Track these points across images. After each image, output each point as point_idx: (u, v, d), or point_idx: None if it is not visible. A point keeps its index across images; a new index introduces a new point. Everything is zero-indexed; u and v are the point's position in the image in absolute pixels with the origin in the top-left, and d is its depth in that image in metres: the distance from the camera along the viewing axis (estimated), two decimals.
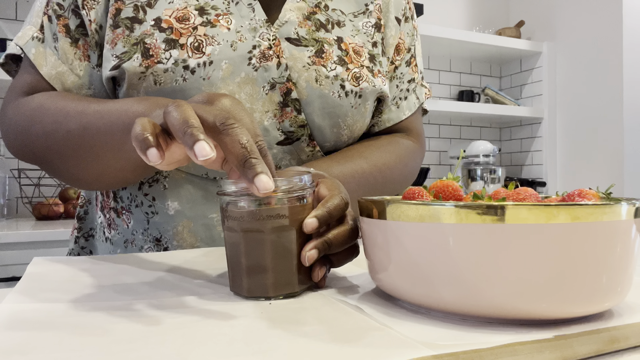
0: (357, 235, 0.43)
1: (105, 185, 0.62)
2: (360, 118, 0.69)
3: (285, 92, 0.63)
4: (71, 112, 0.58)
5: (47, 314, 0.34)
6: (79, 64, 0.65)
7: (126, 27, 0.61)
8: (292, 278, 0.39)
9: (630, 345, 0.31)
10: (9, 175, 1.85)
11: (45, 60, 0.64)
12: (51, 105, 0.60)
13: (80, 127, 0.56)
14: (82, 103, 0.59)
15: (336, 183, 0.45)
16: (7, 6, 1.89)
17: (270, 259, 0.39)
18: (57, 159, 0.60)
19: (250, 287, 0.39)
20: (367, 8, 0.73)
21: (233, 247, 0.40)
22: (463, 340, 0.29)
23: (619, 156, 2.24)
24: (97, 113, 0.56)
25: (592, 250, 0.31)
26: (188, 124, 0.36)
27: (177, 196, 0.64)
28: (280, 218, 0.39)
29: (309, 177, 0.41)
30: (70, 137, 0.57)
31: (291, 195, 0.39)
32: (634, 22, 2.24)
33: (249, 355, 0.27)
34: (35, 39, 0.64)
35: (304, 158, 0.67)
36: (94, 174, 0.59)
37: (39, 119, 0.60)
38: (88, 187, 0.64)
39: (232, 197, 0.39)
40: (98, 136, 0.55)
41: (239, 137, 0.38)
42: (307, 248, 0.40)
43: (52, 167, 0.62)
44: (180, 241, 0.64)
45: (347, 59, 0.67)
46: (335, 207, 0.41)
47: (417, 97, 0.81)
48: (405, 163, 0.75)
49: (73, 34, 0.64)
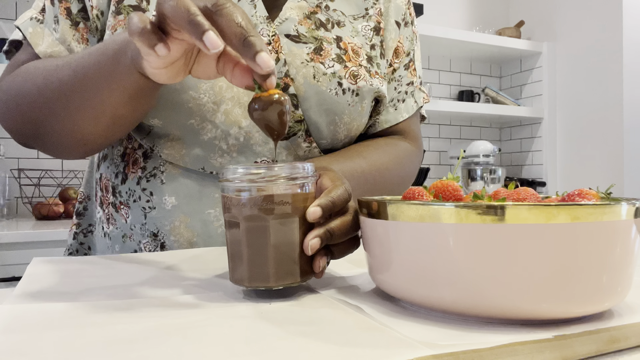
0: (359, 227, 0.42)
1: (99, 134, 0.60)
2: (357, 117, 0.69)
3: (283, 87, 0.64)
4: (60, 64, 0.58)
5: (47, 314, 0.34)
6: (76, 46, 0.65)
7: (128, 14, 0.61)
8: (294, 268, 0.39)
9: (630, 345, 0.31)
10: (9, 175, 1.85)
11: (42, 40, 0.65)
12: (41, 65, 0.61)
13: (71, 72, 0.56)
14: (70, 55, 0.59)
15: (339, 175, 0.45)
16: (7, 6, 1.89)
17: (272, 247, 0.38)
18: (50, 116, 0.59)
19: (252, 277, 0.38)
20: (367, 12, 0.74)
21: (234, 236, 0.40)
22: (463, 340, 0.29)
23: (619, 156, 2.24)
24: (84, 55, 0.56)
25: (592, 250, 0.31)
26: (190, 12, 0.36)
27: (174, 191, 0.64)
28: (284, 205, 0.38)
29: (312, 166, 0.41)
30: (63, 85, 0.57)
31: (295, 182, 0.39)
32: (634, 22, 2.24)
33: (249, 355, 0.27)
34: (33, 19, 0.66)
35: (301, 154, 0.67)
36: (89, 119, 0.57)
37: (29, 79, 0.60)
38: (81, 145, 0.62)
39: (234, 183, 0.39)
40: (90, 73, 0.55)
41: (233, 16, 0.37)
42: (309, 237, 0.39)
43: (45, 128, 0.61)
44: (177, 236, 0.64)
45: (345, 57, 0.67)
46: (338, 197, 0.41)
47: (415, 101, 0.81)
48: (403, 165, 0.75)
49: (74, 17, 0.65)
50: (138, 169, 0.66)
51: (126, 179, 0.67)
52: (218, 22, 0.38)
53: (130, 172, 0.66)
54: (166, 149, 0.63)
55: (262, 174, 0.38)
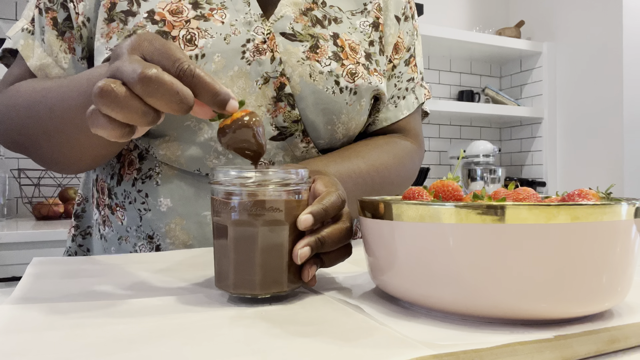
0: (352, 235, 0.42)
1: (86, 166, 0.63)
2: (355, 115, 0.68)
3: (279, 86, 0.63)
4: (37, 98, 0.58)
5: (47, 314, 0.34)
6: (64, 57, 0.65)
7: (120, 20, 0.61)
8: (282, 276, 0.38)
9: (630, 345, 0.31)
10: (9, 175, 1.85)
11: (32, 52, 0.65)
12: (23, 89, 0.61)
13: (48, 111, 0.56)
14: (48, 85, 0.59)
15: (333, 180, 0.45)
16: (7, 6, 1.89)
17: (260, 254, 0.37)
18: (32, 145, 0.61)
19: (237, 283, 0.37)
20: (366, 7, 0.72)
21: (221, 240, 0.38)
22: (463, 340, 0.29)
23: (619, 156, 2.24)
24: (60, 95, 0.55)
25: (592, 250, 0.31)
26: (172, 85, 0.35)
27: (170, 193, 0.64)
28: (274, 212, 0.37)
29: (306, 172, 0.40)
30: (41, 123, 0.58)
31: (287, 188, 0.38)
32: (634, 22, 2.24)
33: (249, 355, 0.27)
34: (25, 30, 0.66)
35: (298, 154, 0.66)
36: (71, 156, 0.59)
37: (13, 105, 0.61)
38: (71, 170, 0.65)
39: (224, 186, 0.38)
40: (65, 118, 0.54)
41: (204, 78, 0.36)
42: (299, 245, 0.38)
43: (31, 152, 0.63)
44: (173, 238, 0.63)
45: (342, 55, 0.66)
46: (331, 204, 0.40)
47: (416, 97, 0.80)
48: (404, 164, 0.74)
49: (60, 26, 0.65)
50: (133, 171, 0.65)
51: (121, 180, 0.67)
52: (186, 84, 0.37)
53: (126, 173, 0.66)
54: (162, 149, 0.63)
55: (253, 178, 0.37)
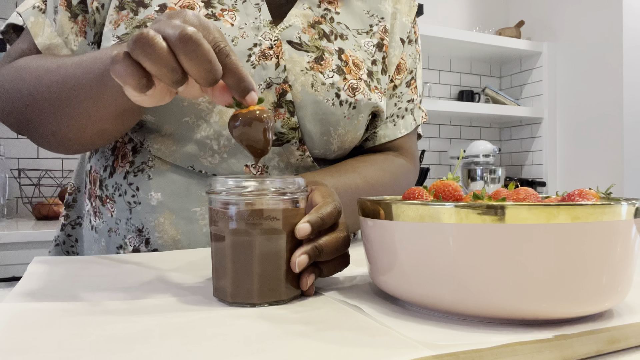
0: (349, 245, 0.42)
1: (85, 142, 0.62)
2: (352, 129, 0.69)
3: (281, 93, 0.63)
4: (51, 67, 0.58)
5: (47, 314, 0.34)
6: (74, 39, 0.65)
7: (131, 9, 0.61)
8: (279, 285, 0.38)
9: (630, 345, 0.31)
10: (9, 175, 1.85)
11: (42, 30, 0.65)
12: (33, 63, 0.61)
13: (60, 80, 0.56)
14: (62, 58, 0.59)
15: (330, 190, 0.45)
16: (7, 6, 1.89)
17: (258, 263, 0.37)
18: (37, 117, 0.60)
19: (235, 293, 0.37)
20: (372, 29, 0.74)
21: (219, 250, 0.38)
22: (463, 340, 0.29)
23: (619, 156, 2.24)
24: (75, 64, 0.56)
25: (592, 250, 0.31)
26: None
27: (161, 187, 0.64)
28: (272, 220, 0.37)
29: (303, 181, 0.40)
30: (51, 92, 0.57)
31: (284, 197, 0.38)
32: (634, 22, 2.24)
33: (249, 355, 0.27)
34: (36, 8, 0.66)
35: (293, 161, 0.67)
36: (74, 128, 0.59)
37: (21, 77, 0.61)
38: (68, 147, 0.63)
39: (221, 196, 0.38)
40: (77, 87, 0.55)
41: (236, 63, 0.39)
42: (297, 253, 0.38)
43: (33, 126, 0.62)
44: (162, 233, 0.63)
45: (345, 69, 0.67)
46: (328, 214, 0.40)
47: (414, 119, 0.82)
48: (399, 182, 0.75)
49: (74, 9, 0.65)
50: (126, 163, 0.66)
51: (114, 172, 0.67)
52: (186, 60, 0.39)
53: (119, 165, 0.66)
54: (156, 144, 0.63)
55: (251, 187, 0.37)
